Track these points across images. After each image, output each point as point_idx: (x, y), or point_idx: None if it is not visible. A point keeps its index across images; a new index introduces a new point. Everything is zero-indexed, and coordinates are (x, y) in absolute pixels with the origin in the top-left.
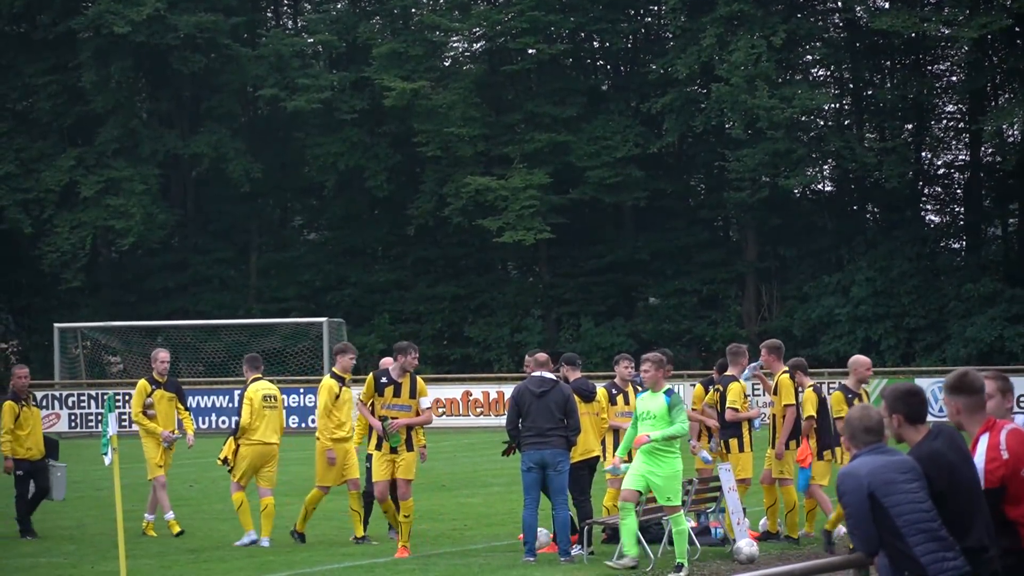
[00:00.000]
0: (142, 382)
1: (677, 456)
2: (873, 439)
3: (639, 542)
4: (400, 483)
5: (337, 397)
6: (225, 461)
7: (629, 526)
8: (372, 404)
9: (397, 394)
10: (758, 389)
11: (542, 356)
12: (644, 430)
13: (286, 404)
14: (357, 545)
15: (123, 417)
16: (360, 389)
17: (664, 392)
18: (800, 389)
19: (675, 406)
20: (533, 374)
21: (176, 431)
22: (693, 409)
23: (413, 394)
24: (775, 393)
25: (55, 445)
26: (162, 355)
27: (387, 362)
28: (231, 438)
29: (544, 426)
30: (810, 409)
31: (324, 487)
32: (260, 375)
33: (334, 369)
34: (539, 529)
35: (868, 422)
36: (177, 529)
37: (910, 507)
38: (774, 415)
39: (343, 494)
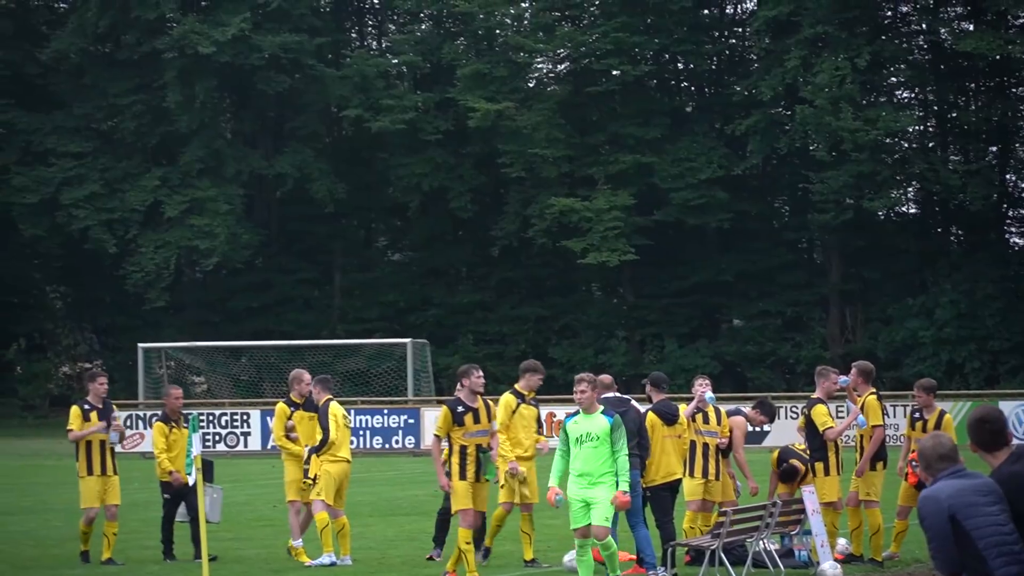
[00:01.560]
0: (281, 405)
1: (613, 479)
2: (948, 465)
3: (721, 563)
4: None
5: (514, 413)
6: (315, 479)
7: (588, 563)
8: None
9: (477, 420)
10: (842, 411)
11: (607, 378)
12: (585, 453)
13: (369, 424)
14: (438, 567)
15: (206, 438)
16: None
17: (603, 413)
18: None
19: (617, 428)
20: (604, 396)
21: None
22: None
23: (490, 416)
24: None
25: (210, 467)
26: (306, 376)
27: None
28: (314, 455)
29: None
30: (876, 418)
31: (506, 504)
32: (331, 396)
33: (516, 386)
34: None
35: (941, 449)
36: (305, 559)
37: (992, 529)
38: (861, 436)
39: (414, 514)
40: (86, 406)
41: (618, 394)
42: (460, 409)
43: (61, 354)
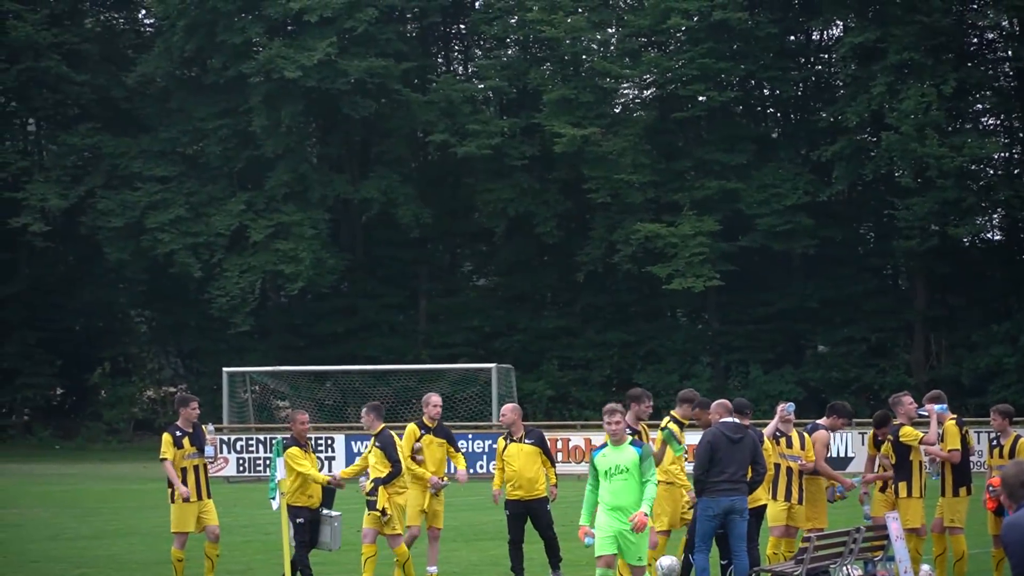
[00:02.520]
0: (411, 426)
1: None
2: None
3: None
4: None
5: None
6: (384, 512)
7: None
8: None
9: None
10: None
11: (728, 403)
12: (616, 486)
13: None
14: None
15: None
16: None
17: (631, 444)
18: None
19: (646, 458)
20: (724, 420)
21: (445, 477)
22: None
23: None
24: (941, 440)
25: (332, 493)
26: (434, 399)
27: (508, 410)
28: (382, 487)
29: (738, 473)
30: (952, 442)
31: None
32: (385, 424)
33: (674, 413)
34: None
35: (1023, 476)
36: None
37: None
38: (943, 463)
39: (499, 539)
40: (178, 432)
41: (735, 419)
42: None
43: (146, 378)
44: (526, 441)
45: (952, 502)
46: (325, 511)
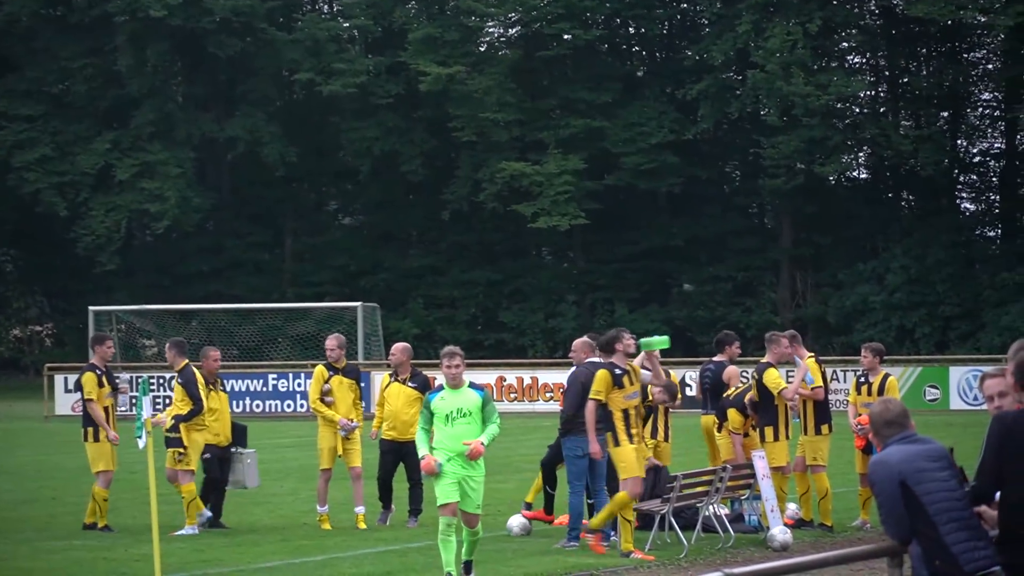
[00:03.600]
0: (319, 367)
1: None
2: (896, 431)
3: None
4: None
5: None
6: (183, 448)
7: (452, 544)
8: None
9: (631, 382)
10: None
11: (592, 341)
12: (458, 430)
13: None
14: (389, 530)
15: (156, 401)
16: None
17: (471, 387)
18: (799, 360)
19: (488, 402)
20: (592, 359)
21: (355, 419)
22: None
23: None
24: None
25: (243, 431)
26: (328, 342)
27: (399, 350)
28: (182, 424)
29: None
30: (816, 380)
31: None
32: (188, 360)
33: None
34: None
35: (888, 415)
36: (327, 525)
37: (942, 495)
38: (804, 401)
39: (373, 478)
40: (98, 371)
41: (595, 359)
42: (618, 371)
43: (12, 317)
44: (409, 384)
45: (815, 440)
46: (236, 449)
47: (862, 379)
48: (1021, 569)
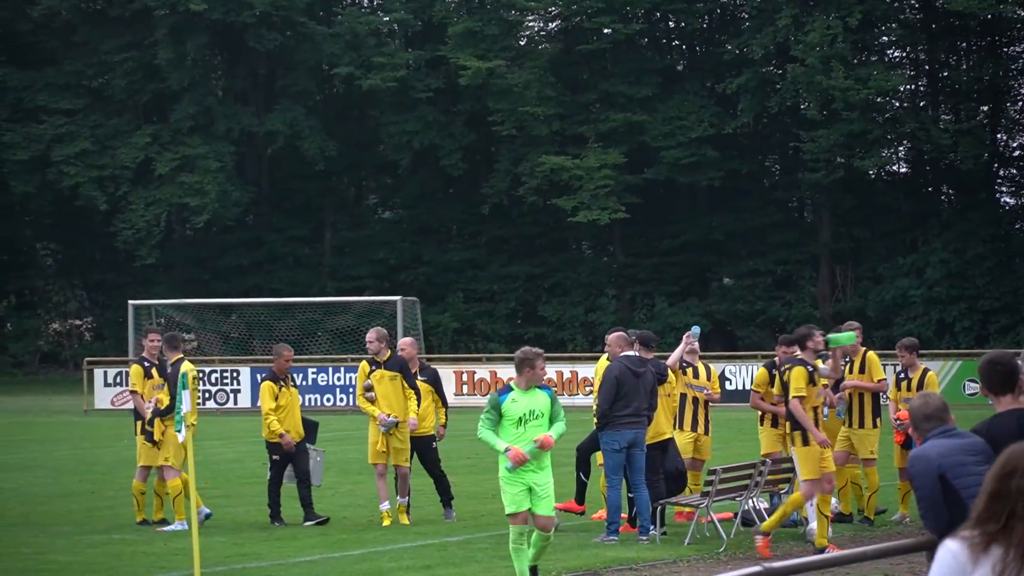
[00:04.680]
0: (362, 363)
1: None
2: (935, 425)
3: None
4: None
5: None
6: (156, 443)
7: (526, 556)
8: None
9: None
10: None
11: (628, 335)
12: (531, 433)
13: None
14: (428, 524)
15: (197, 394)
16: None
17: (540, 388)
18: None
19: (556, 401)
20: (627, 353)
21: (395, 414)
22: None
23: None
24: (862, 372)
25: (314, 428)
26: (368, 335)
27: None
28: (159, 418)
29: (641, 406)
30: (879, 372)
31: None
32: (183, 355)
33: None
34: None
35: (927, 409)
36: (387, 521)
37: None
38: (861, 394)
39: (413, 474)
40: (146, 363)
41: (637, 352)
42: (811, 368)
43: (51, 311)
44: (420, 378)
45: (870, 434)
46: (308, 445)
47: (902, 375)
48: None
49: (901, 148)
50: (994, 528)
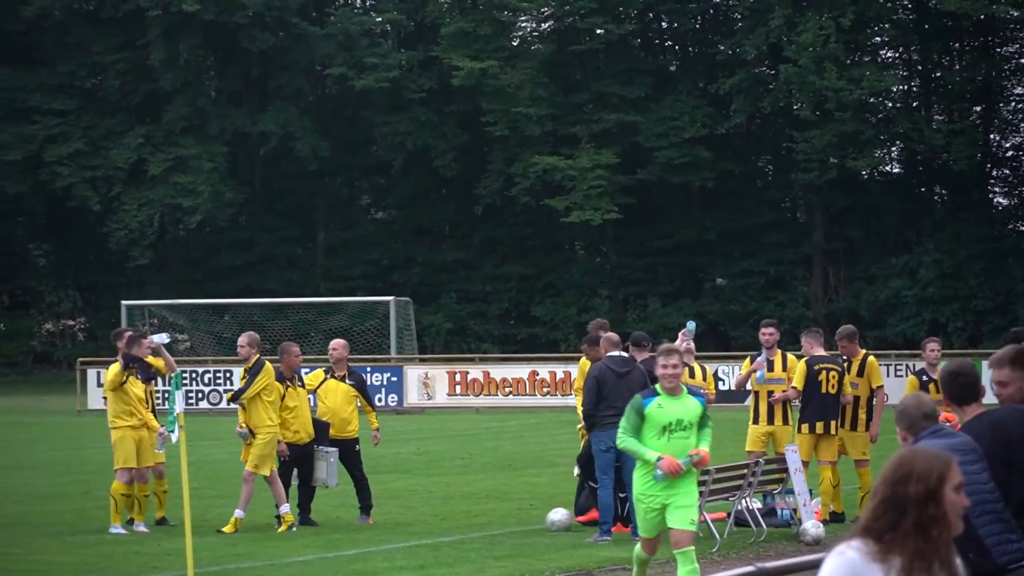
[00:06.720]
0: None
1: (694, 473)
2: (931, 423)
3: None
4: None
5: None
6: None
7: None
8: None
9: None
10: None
11: (614, 336)
12: (675, 445)
13: None
14: (421, 525)
15: (189, 395)
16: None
17: (691, 394)
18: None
19: (706, 408)
20: (611, 354)
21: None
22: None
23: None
24: (860, 375)
25: (325, 428)
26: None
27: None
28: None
29: (624, 407)
30: (878, 379)
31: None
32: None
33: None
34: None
35: (925, 408)
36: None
37: (975, 488)
38: (856, 397)
39: (396, 472)
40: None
41: (622, 353)
42: (925, 379)
43: (44, 311)
44: (348, 381)
45: (863, 435)
46: (320, 447)
47: (924, 379)
48: None
49: (894, 148)
50: (890, 538)
